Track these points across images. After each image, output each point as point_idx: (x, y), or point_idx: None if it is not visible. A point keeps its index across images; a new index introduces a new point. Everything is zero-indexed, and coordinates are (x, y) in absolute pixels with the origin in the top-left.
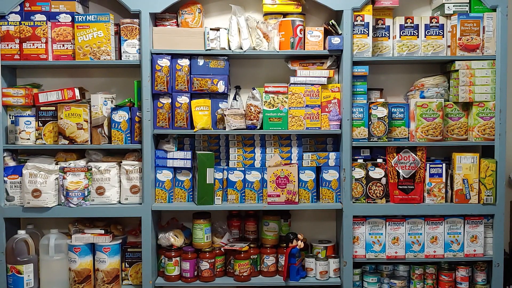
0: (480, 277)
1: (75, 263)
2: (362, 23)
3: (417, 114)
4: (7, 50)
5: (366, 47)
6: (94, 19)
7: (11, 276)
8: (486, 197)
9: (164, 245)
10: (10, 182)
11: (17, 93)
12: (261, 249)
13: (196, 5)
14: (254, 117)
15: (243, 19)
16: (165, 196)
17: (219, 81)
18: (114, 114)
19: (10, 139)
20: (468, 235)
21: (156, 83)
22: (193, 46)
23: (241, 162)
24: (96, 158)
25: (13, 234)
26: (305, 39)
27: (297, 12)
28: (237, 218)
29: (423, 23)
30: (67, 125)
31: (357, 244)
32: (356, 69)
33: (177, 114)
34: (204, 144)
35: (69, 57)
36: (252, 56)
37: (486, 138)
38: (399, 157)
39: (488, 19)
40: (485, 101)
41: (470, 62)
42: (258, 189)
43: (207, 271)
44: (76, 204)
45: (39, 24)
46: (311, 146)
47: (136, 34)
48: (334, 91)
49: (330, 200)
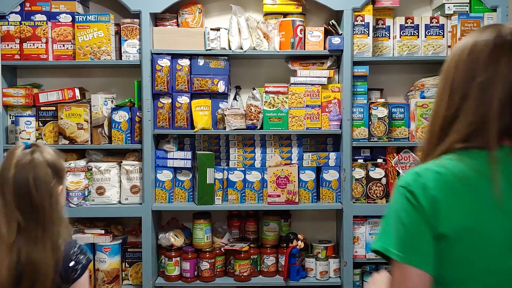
0: None
1: None
2: (362, 23)
3: (418, 114)
4: (8, 50)
5: (366, 47)
6: (94, 19)
7: None
8: None
9: (164, 245)
10: None
11: (17, 93)
12: (261, 249)
13: (197, 5)
14: (254, 117)
15: (243, 19)
16: (165, 196)
17: (219, 81)
18: (114, 114)
19: (10, 139)
20: None
21: (156, 83)
22: (193, 46)
23: (241, 162)
24: (96, 158)
25: None
26: (305, 39)
27: (297, 12)
28: (237, 218)
29: (424, 23)
30: (67, 125)
31: (357, 244)
32: (356, 69)
33: (177, 114)
34: (204, 144)
35: (69, 57)
36: (252, 56)
37: None
38: (399, 157)
39: (489, 19)
40: None
41: None
42: (258, 189)
43: (207, 271)
44: (76, 204)
45: (40, 24)
46: (311, 146)
47: (137, 34)
48: (334, 91)
49: (330, 200)
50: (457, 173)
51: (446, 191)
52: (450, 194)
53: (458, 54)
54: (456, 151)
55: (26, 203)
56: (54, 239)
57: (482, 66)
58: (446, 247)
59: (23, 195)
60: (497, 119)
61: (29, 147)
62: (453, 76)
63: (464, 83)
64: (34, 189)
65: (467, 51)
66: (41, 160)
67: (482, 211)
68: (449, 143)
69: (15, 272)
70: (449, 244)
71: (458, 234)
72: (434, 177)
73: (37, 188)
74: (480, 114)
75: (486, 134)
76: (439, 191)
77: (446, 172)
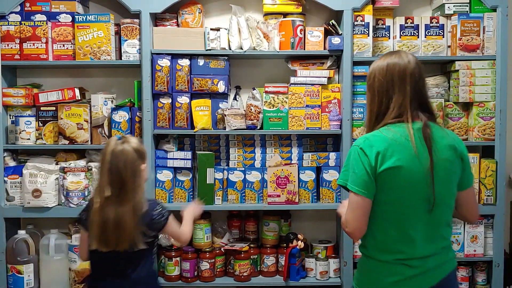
0: (480, 277)
1: (75, 263)
2: (362, 23)
3: None
4: (8, 50)
5: (366, 47)
6: (94, 19)
7: (11, 276)
8: (486, 197)
9: (164, 245)
10: (10, 182)
11: (17, 93)
12: (261, 249)
13: (196, 5)
14: (254, 117)
15: (243, 19)
16: (165, 196)
17: (219, 81)
18: (114, 114)
19: (10, 139)
20: (468, 235)
21: (156, 83)
22: (193, 46)
23: (241, 162)
24: (96, 158)
25: (13, 234)
26: (305, 39)
27: (297, 12)
28: (237, 218)
29: (423, 23)
30: (67, 125)
31: (357, 244)
32: (356, 69)
33: (177, 114)
34: (204, 144)
35: (69, 57)
36: (252, 56)
37: (486, 138)
38: None
39: (488, 19)
40: (485, 101)
41: (470, 62)
42: (258, 189)
43: (207, 271)
44: (76, 204)
45: (40, 24)
46: (311, 146)
47: (137, 34)
48: (334, 91)
49: (330, 200)
50: (390, 137)
51: (384, 147)
52: (387, 149)
53: (378, 72)
54: (389, 124)
55: (116, 179)
56: (135, 201)
57: (396, 80)
58: (383, 181)
59: (115, 174)
60: (410, 109)
61: (120, 139)
62: (378, 88)
63: (387, 91)
64: (124, 169)
65: (384, 71)
66: (129, 148)
67: (406, 158)
68: (384, 123)
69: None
70: (385, 179)
71: (391, 173)
72: (377, 139)
73: (126, 169)
74: (400, 107)
75: (405, 116)
76: (380, 148)
77: (384, 136)
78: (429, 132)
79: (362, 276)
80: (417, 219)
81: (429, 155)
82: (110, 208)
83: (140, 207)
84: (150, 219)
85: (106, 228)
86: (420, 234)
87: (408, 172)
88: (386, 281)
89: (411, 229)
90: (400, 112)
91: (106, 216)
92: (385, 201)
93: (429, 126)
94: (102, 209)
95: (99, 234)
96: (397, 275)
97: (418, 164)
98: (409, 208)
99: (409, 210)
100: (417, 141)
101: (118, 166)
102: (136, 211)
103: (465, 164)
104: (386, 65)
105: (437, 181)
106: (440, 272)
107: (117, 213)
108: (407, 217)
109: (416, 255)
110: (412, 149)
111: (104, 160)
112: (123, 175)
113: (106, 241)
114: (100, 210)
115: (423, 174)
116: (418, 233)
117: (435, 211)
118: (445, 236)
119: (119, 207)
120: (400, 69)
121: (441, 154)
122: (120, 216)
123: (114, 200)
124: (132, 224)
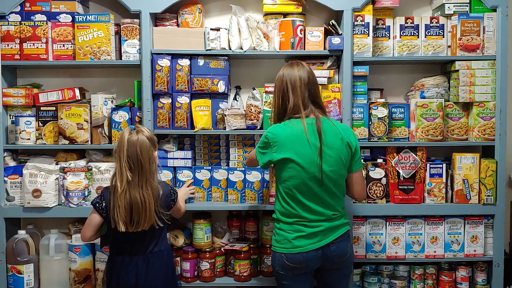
0: (480, 277)
1: (75, 263)
2: (362, 23)
3: (417, 114)
4: (8, 50)
5: (366, 47)
6: (94, 19)
7: (11, 276)
8: (486, 197)
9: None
10: (11, 182)
11: (17, 93)
12: (261, 249)
13: (196, 5)
14: (254, 117)
15: (243, 19)
16: None
17: (220, 81)
18: (114, 114)
19: (10, 139)
20: (468, 235)
21: (156, 83)
22: (193, 46)
23: (241, 162)
24: (96, 158)
25: (13, 234)
26: (305, 39)
27: (297, 12)
28: (237, 218)
29: (423, 23)
30: (67, 125)
31: (357, 244)
32: (357, 69)
33: (177, 114)
34: (204, 144)
35: (69, 57)
36: (252, 56)
37: (486, 138)
38: (399, 157)
39: (488, 19)
40: (485, 101)
41: (470, 62)
42: (258, 189)
43: (207, 271)
44: (77, 204)
45: (40, 24)
46: None
47: (137, 34)
48: (334, 91)
49: None
50: (289, 129)
51: (284, 136)
52: (286, 138)
53: (277, 80)
54: (291, 119)
55: (135, 164)
56: (153, 185)
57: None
58: (283, 163)
59: (133, 160)
60: (303, 107)
61: (134, 129)
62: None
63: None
64: (140, 155)
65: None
66: (143, 137)
67: (301, 146)
68: (287, 117)
69: (129, 208)
70: (284, 162)
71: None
72: (279, 130)
73: (142, 154)
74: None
75: (300, 113)
76: (280, 137)
77: (285, 128)
78: (319, 125)
79: (275, 235)
80: (310, 192)
81: (319, 143)
82: (135, 191)
83: (157, 189)
84: (166, 200)
85: (134, 210)
86: (313, 203)
87: (301, 156)
88: (291, 236)
89: (306, 199)
90: (296, 110)
91: (133, 199)
92: (285, 178)
93: (320, 120)
94: (126, 192)
95: (127, 216)
96: (298, 232)
97: (309, 149)
98: (303, 184)
99: (303, 185)
100: (309, 132)
101: (136, 153)
102: (155, 193)
103: (355, 152)
104: (282, 74)
105: (324, 162)
106: (334, 233)
107: (142, 195)
108: (302, 191)
109: (311, 218)
110: (305, 139)
111: (121, 148)
112: (140, 161)
113: (134, 222)
114: (125, 194)
115: (313, 157)
116: (311, 202)
117: (324, 186)
118: (334, 205)
119: (142, 190)
120: (291, 78)
121: (329, 142)
122: (145, 198)
123: (136, 184)
124: (153, 205)
